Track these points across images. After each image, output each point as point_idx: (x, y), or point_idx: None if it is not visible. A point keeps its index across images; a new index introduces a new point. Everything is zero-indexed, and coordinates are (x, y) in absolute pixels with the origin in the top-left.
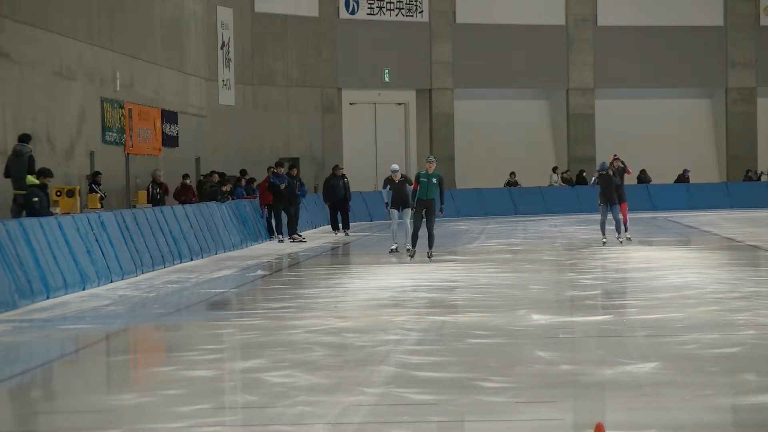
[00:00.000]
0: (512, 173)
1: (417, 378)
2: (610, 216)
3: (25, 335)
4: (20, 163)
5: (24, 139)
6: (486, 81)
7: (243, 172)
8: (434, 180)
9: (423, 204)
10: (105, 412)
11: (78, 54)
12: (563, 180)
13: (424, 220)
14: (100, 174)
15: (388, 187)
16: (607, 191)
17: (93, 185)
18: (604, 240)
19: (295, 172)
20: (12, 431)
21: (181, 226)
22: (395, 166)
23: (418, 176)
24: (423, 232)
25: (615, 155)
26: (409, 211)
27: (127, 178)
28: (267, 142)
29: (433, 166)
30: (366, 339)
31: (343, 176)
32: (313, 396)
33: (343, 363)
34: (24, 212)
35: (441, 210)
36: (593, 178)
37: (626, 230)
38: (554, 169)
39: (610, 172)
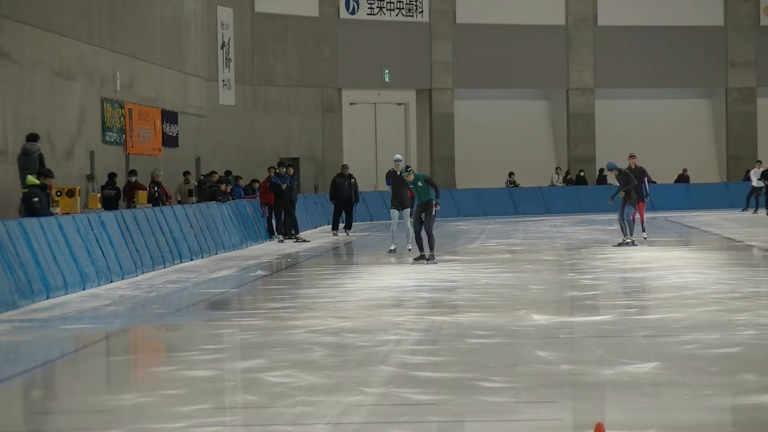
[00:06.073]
0: (511, 173)
1: (417, 378)
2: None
3: (25, 335)
4: (30, 161)
5: (32, 138)
6: (486, 81)
7: (228, 173)
8: (420, 183)
9: (420, 208)
10: (105, 412)
11: (78, 54)
12: (565, 181)
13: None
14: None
15: (390, 181)
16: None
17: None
18: (632, 239)
19: (291, 172)
20: (12, 431)
21: (181, 226)
22: (398, 156)
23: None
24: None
25: (631, 154)
26: (409, 212)
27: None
28: (267, 142)
29: (411, 176)
30: (366, 339)
31: (350, 176)
32: (313, 396)
33: (343, 363)
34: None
35: (437, 204)
36: (617, 192)
37: (643, 230)
38: (557, 170)
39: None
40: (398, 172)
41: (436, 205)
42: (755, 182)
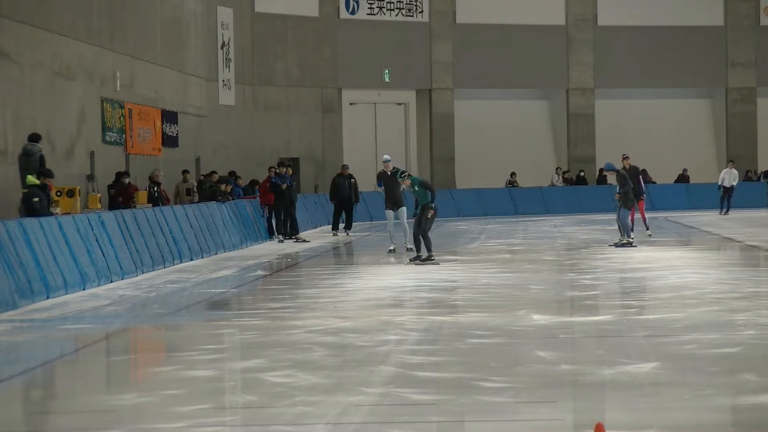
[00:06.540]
0: (512, 173)
1: (417, 378)
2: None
3: (25, 335)
4: (31, 162)
5: (34, 138)
6: (486, 81)
7: (232, 173)
8: (416, 188)
9: (420, 211)
10: (105, 412)
11: (78, 54)
12: (565, 181)
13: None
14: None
15: (381, 182)
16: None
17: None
18: (630, 240)
19: (291, 172)
20: (12, 431)
21: (181, 226)
22: (386, 156)
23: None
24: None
25: (624, 155)
26: (404, 211)
27: None
28: (267, 142)
29: (408, 181)
30: (366, 339)
31: (350, 176)
32: (313, 396)
33: (343, 363)
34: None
35: (432, 208)
36: (617, 193)
37: (647, 228)
38: (557, 170)
39: (623, 171)
40: (388, 173)
41: (430, 209)
42: (727, 182)
